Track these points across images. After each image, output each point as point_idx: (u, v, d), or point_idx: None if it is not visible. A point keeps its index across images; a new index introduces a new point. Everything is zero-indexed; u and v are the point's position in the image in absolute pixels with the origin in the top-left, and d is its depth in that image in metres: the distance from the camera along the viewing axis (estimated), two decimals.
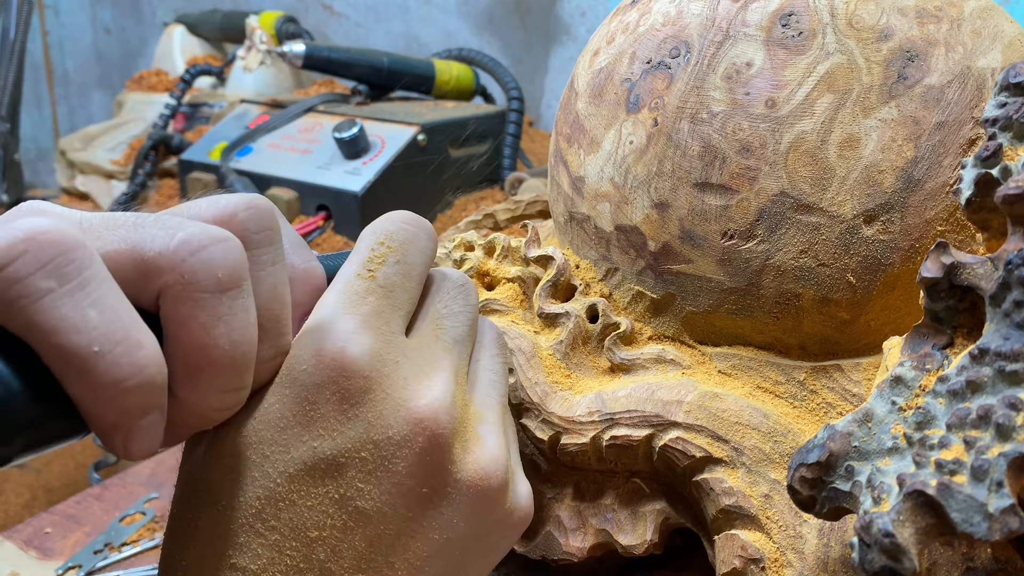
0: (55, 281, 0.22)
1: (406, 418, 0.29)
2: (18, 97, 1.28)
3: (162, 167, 1.14)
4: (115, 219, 0.25)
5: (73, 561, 0.54)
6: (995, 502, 0.24)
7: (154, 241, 0.25)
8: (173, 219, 0.25)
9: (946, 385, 0.27)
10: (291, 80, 1.29)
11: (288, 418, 0.28)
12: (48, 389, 0.22)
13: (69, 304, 0.22)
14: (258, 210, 0.28)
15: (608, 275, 0.40)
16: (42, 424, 0.23)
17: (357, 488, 0.28)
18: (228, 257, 0.25)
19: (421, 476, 0.29)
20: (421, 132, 0.96)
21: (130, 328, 0.23)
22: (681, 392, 0.35)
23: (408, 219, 0.33)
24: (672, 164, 0.36)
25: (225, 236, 0.25)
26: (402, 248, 0.32)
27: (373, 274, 0.31)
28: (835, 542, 0.32)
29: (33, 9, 1.28)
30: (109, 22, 1.96)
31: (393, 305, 0.31)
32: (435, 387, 0.30)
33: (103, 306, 0.23)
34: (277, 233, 0.28)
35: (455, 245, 0.44)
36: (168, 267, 0.24)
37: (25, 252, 0.22)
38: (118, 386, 0.23)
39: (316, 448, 0.28)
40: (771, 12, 0.35)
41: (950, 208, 0.34)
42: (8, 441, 0.22)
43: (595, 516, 0.37)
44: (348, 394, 0.28)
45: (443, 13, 1.43)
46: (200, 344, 0.25)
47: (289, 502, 0.27)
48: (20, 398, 0.22)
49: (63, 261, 0.22)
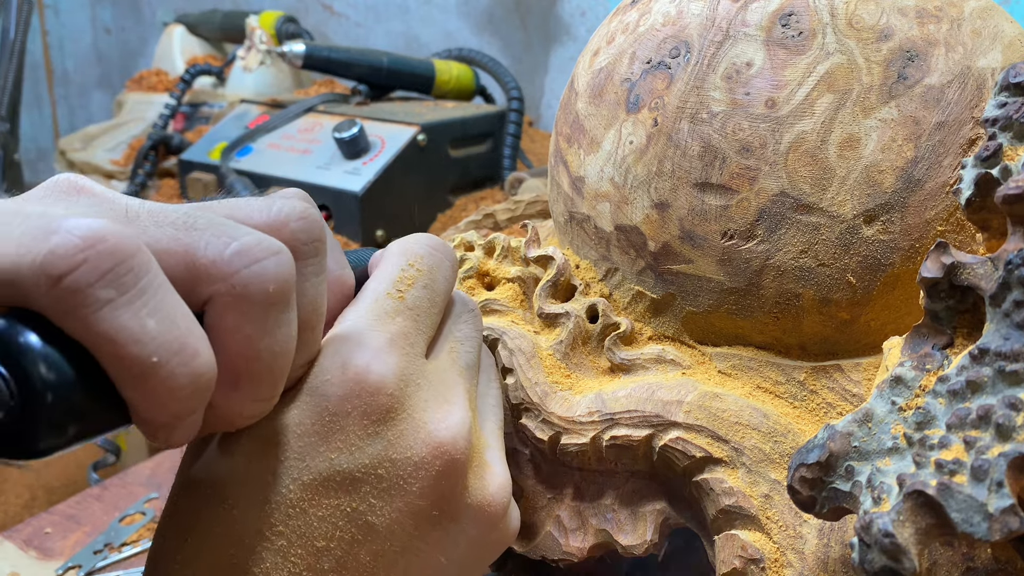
0: (115, 290, 0.22)
1: (426, 441, 0.29)
2: (18, 97, 1.28)
3: (162, 167, 1.14)
4: (164, 213, 0.25)
5: (73, 561, 0.54)
6: (995, 502, 0.24)
7: (208, 247, 0.24)
8: (226, 224, 0.25)
9: (946, 385, 0.27)
10: (291, 80, 1.29)
11: (307, 427, 0.28)
12: (100, 381, 0.23)
13: (128, 314, 0.22)
14: (309, 221, 0.27)
15: (608, 275, 0.40)
16: (93, 415, 0.23)
17: (370, 504, 0.28)
18: (280, 271, 0.25)
19: (434, 498, 0.29)
20: (421, 132, 0.96)
21: (187, 336, 0.23)
22: (681, 392, 0.35)
23: (436, 244, 0.34)
24: (672, 164, 0.36)
25: (278, 248, 0.25)
26: (430, 273, 0.33)
27: (403, 295, 0.31)
28: (835, 542, 0.32)
29: (33, 9, 1.28)
30: (109, 22, 1.96)
31: (419, 328, 0.31)
32: (455, 413, 0.30)
33: (161, 314, 0.23)
34: (324, 244, 0.28)
35: (455, 245, 0.44)
36: (220, 276, 0.24)
37: (85, 261, 0.22)
38: (173, 394, 0.23)
39: (333, 460, 0.28)
40: (771, 12, 0.35)
41: (950, 208, 0.34)
42: (62, 431, 0.22)
43: (595, 516, 0.37)
44: (371, 411, 0.28)
45: (443, 13, 1.43)
46: (243, 355, 0.25)
47: (300, 510, 0.28)
48: (75, 389, 0.22)
49: (123, 269, 0.22)
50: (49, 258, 0.21)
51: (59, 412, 0.22)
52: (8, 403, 0.21)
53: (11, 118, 1.25)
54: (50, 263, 0.21)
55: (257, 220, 0.26)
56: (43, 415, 0.22)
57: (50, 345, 0.22)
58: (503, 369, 0.38)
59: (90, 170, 1.22)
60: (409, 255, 0.33)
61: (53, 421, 0.22)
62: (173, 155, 1.14)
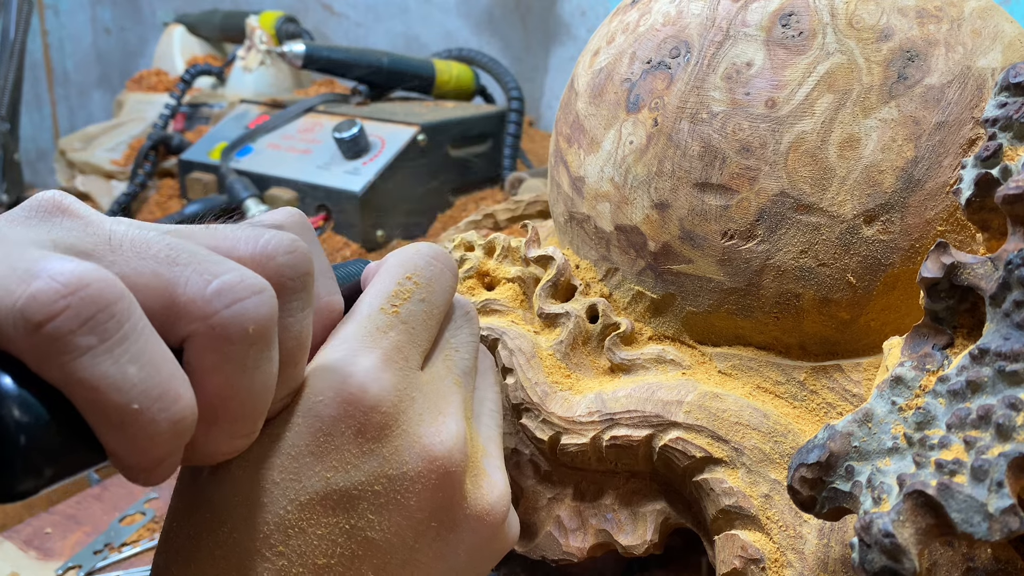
0: (96, 337, 0.21)
1: (421, 455, 0.29)
2: (18, 97, 1.28)
3: (162, 167, 1.14)
4: (147, 244, 0.24)
5: (73, 561, 0.54)
6: (995, 502, 0.24)
7: (188, 285, 0.24)
8: (209, 259, 0.24)
9: (946, 385, 0.27)
10: (291, 80, 1.29)
11: (301, 447, 0.28)
12: (75, 422, 0.22)
13: (109, 361, 0.22)
14: (297, 255, 0.26)
15: (608, 275, 0.40)
16: (70, 455, 0.23)
17: (368, 519, 0.28)
18: (261, 311, 0.24)
19: (432, 510, 0.30)
20: (421, 132, 0.96)
21: (169, 381, 0.23)
22: (681, 392, 0.35)
23: (436, 254, 0.33)
24: (672, 164, 0.36)
25: (261, 287, 0.24)
26: (428, 285, 0.32)
27: (397, 309, 0.31)
28: (835, 542, 0.32)
29: (33, 9, 1.28)
30: (109, 22, 1.96)
31: (413, 341, 0.31)
32: (449, 424, 0.30)
33: (143, 360, 0.22)
34: (311, 278, 0.27)
35: (455, 245, 0.44)
36: (199, 316, 0.24)
37: (66, 308, 0.21)
38: (153, 439, 0.23)
39: (329, 479, 0.28)
40: (771, 12, 0.35)
41: (950, 208, 0.34)
42: (38, 473, 0.22)
43: (595, 516, 0.37)
44: (365, 429, 0.28)
45: (443, 13, 1.43)
46: (221, 395, 0.24)
47: (299, 529, 0.27)
48: (50, 430, 0.22)
49: (104, 316, 0.22)
50: (30, 303, 0.21)
51: (34, 454, 0.21)
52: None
53: (11, 118, 1.25)
54: (30, 309, 0.21)
55: (242, 252, 0.26)
56: (18, 458, 0.21)
57: (23, 386, 0.21)
58: (503, 369, 0.38)
59: (90, 170, 1.22)
60: (407, 267, 0.32)
61: (28, 463, 0.21)
62: (173, 155, 1.14)
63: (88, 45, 1.99)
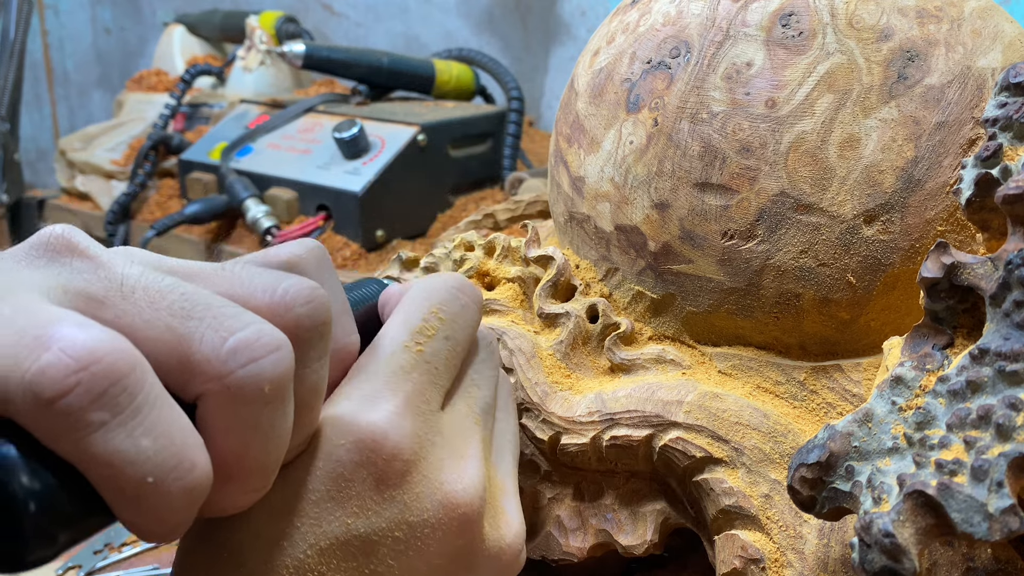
0: (108, 413, 0.21)
1: (442, 502, 0.29)
2: (18, 97, 1.28)
3: (162, 167, 1.14)
4: (160, 294, 0.23)
5: (73, 561, 0.54)
6: (995, 502, 0.24)
7: (203, 342, 0.23)
8: (224, 311, 0.24)
9: (946, 385, 0.27)
10: (291, 80, 1.29)
11: (322, 493, 0.28)
12: (84, 487, 0.22)
13: (122, 435, 0.21)
14: (315, 305, 0.26)
15: (608, 275, 0.40)
16: (83, 521, 0.22)
17: (387, 565, 0.28)
18: (278, 369, 0.24)
19: (452, 556, 0.29)
20: (421, 132, 0.96)
21: (183, 450, 0.22)
22: (681, 392, 0.35)
23: (463, 287, 0.33)
24: (672, 164, 0.36)
25: (278, 344, 0.24)
26: (453, 321, 0.32)
27: (421, 348, 0.30)
28: (835, 542, 0.32)
29: (33, 9, 1.28)
30: (109, 22, 1.96)
31: (435, 382, 0.30)
32: (470, 470, 0.30)
33: (156, 432, 0.22)
34: (329, 327, 0.26)
35: (455, 245, 0.44)
36: (214, 375, 0.23)
37: (78, 384, 0.20)
38: (169, 508, 0.22)
39: (350, 525, 0.28)
40: (771, 12, 0.35)
41: (950, 208, 0.34)
42: (52, 541, 0.21)
43: (595, 516, 0.37)
44: (386, 477, 0.28)
45: (443, 13, 1.43)
46: (234, 453, 0.24)
47: (318, 574, 0.27)
48: (61, 499, 0.21)
49: (117, 390, 0.21)
50: (39, 379, 0.20)
51: (45, 522, 0.21)
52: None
53: (11, 118, 1.25)
54: (40, 384, 0.20)
55: (259, 302, 0.25)
56: (27, 528, 0.21)
57: (31, 454, 0.21)
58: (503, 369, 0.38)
59: (90, 170, 1.22)
60: (433, 300, 0.32)
61: (40, 532, 0.21)
62: (173, 155, 1.14)
63: (88, 45, 1.99)
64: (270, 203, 0.96)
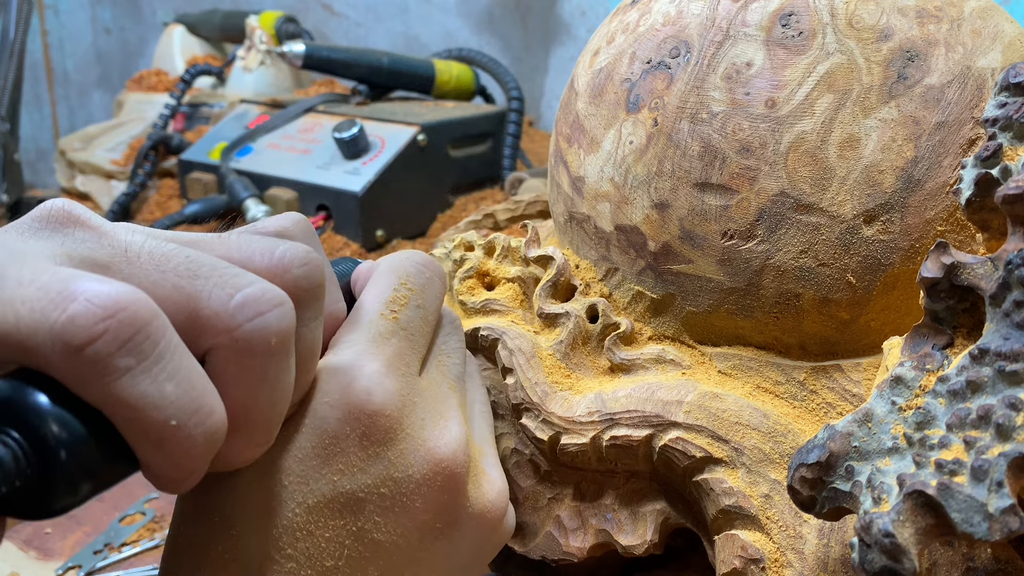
0: (134, 358, 0.22)
1: (426, 458, 0.30)
2: (18, 97, 1.28)
3: (162, 167, 1.14)
4: (165, 257, 0.24)
5: (73, 561, 0.54)
6: (995, 502, 0.24)
7: (211, 299, 0.24)
8: (229, 271, 0.25)
9: (946, 385, 0.27)
10: (291, 80, 1.29)
11: (308, 452, 0.28)
12: (109, 436, 0.23)
13: (147, 380, 0.22)
14: (311, 267, 0.27)
15: (608, 275, 0.40)
16: (105, 470, 0.23)
17: (374, 522, 0.29)
18: (282, 323, 0.25)
19: (436, 511, 0.30)
20: (421, 132, 0.96)
21: (203, 395, 0.23)
22: (681, 392, 0.35)
23: (426, 262, 0.34)
24: (672, 164, 0.36)
25: (281, 300, 0.25)
26: (422, 292, 0.33)
27: (396, 315, 0.32)
28: (835, 542, 0.32)
29: (33, 9, 1.28)
30: (109, 22, 1.96)
31: (412, 347, 0.32)
32: (452, 427, 0.31)
33: (178, 377, 0.23)
34: (323, 289, 0.28)
35: (455, 245, 0.44)
36: (223, 329, 0.24)
37: (106, 331, 0.21)
38: (189, 452, 0.23)
39: (336, 483, 0.28)
40: (771, 12, 0.35)
41: (950, 208, 0.34)
42: (75, 489, 0.22)
43: (595, 516, 0.37)
44: (371, 433, 0.29)
45: (443, 13, 1.43)
46: (242, 404, 0.25)
47: (307, 532, 0.28)
48: (88, 446, 0.22)
49: (141, 337, 0.22)
50: (69, 327, 0.21)
51: (74, 471, 0.22)
52: (25, 471, 0.21)
53: (11, 118, 1.25)
54: (70, 333, 0.21)
55: (259, 264, 0.26)
56: (58, 475, 0.22)
57: (60, 404, 0.22)
58: (503, 369, 0.38)
59: (90, 170, 1.22)
60: (400, 274, 0.33)
61: (69, 480, 0.22)
62: (173, 155, 1.14)
63: (88, 45, 1.99)
64: (270, 203, 0.96)
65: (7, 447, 0.21)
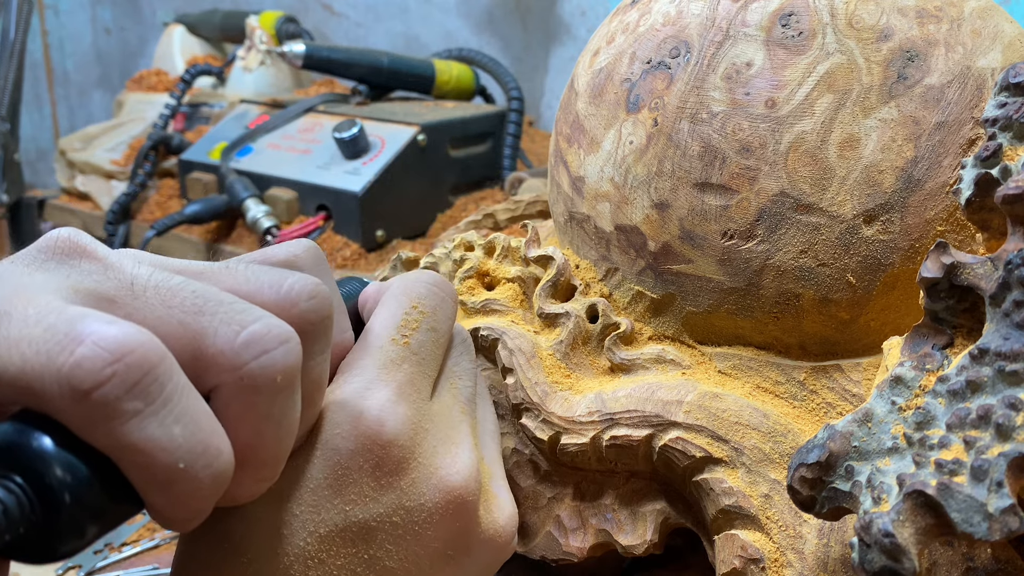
0: (142, 402, 0.22)
1: (438, 487, 0.30)
2: (18, 97, 1.28)
3: (162, 167, 1.14)
4: (170, 291, 0.24)
5: (73, 561, 0.54)
6: (995, 502, 0.24)
7: (216, 335, 0.24)
8: (235, 307, 0.24)
9: (946, 385, 0.27)
10: (291, 80, 1.29)
11: (320, 481, 0.28)
12: (113, 478, 0.22)
13: (154, 424, 0.22)
14: (319, 301, 0.27)
15: (608, 275, 0.40)
16: (110, 512, 0.23)
17: (386, 550, 0.29)
18: (288, 359, 0.24)
19: (448, 539, 0.30)
20: (421, 132, 0.96)
21: (211, 437, 0.23)
22: (681, 392, 0.35)
23: (437, 282, 0.34)
24: (672, 164, 0.36)
25: (288, 336, 0.25)
26: (433, 314, 0.33)
27: (407, 340, 0.31)
28: (835, 542, 0.32)
29: (33, 9, 1.28)
30: (109, 22, 1.96)
31: (424, 372, 0.31)
32: (462, 455, 0.31)
33: (185, 420, 0.22)
34: (331, 321, 0.27)
35: (455, 245, 0.44)
36: (229, 367, 0.24)
37: (114, 375, 0.21)
38: (197, 494, 0.23)
39: (348, 512, 0.28)
40: (771, 12, 0.35)
41: (950, 208, 0.34)
42: (81, 534, 0.22)
43: (595, 516, 0.37)
44: (383, 463, 0.29)
45: (443, 13, 1.43)
46: (248, 442, 0.25)
47: (318, 560, 0.28)
48: (91, 490, 0.22)
49: (149, 380, 0.22)
50: (76, 372, 0.21)
51: (78, 515, 0.22)
52: (29, 516, 0.21)
53: (11, 118, 1.25)
54: (77, 377, 0.21)
55: (266, 297, 0.26)
56: (63, 521, 0.21)
57: (64, 447, 0.22)
58: (503, 369, 0.38)
59: (90, 170, 1.22)
60: (412, 296, 0.33)
61: (73, 525, 0.22)
62: (173, 155, 1.14)
63: (88, 45, 1.99)
64: (270, 203, 0.96)
65: (11, 492, 0.21)
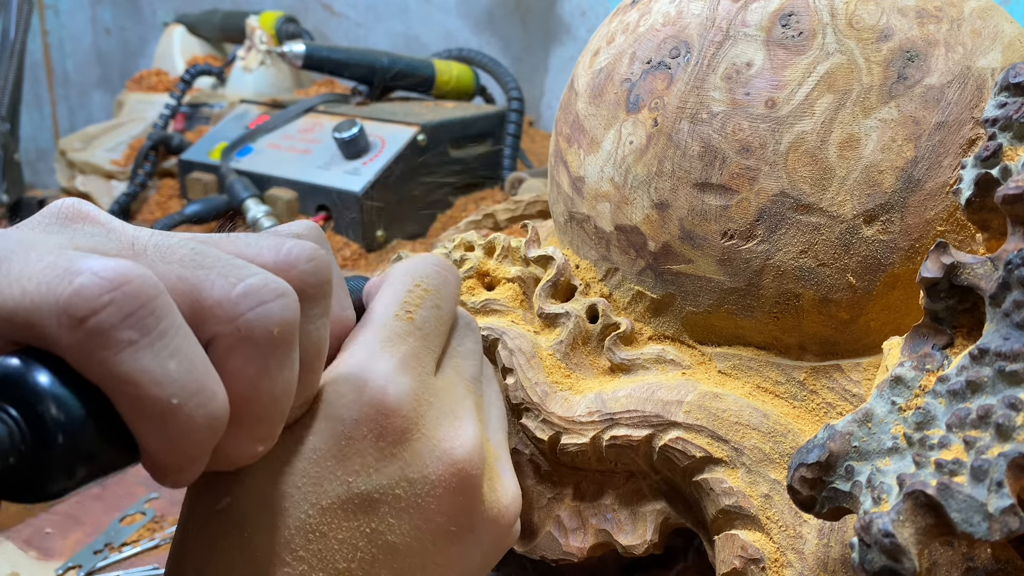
0: (137, 332, 0.22)
1: (442, 458, 0.29)
2: (18, 97, 1.28)
3: (162, 167, 1.14)
4: (171, 248, 0.24)
5: (73, 561, 0.54)
6: (995, 502, 0.24)
7: (214, 287, 0.24)
8: (233, 263, 0.25)
9: (946, 385, 0.27)
10: (291, 80, 1.29)
11: (323, 452, 0.28)
12: (110, 422, 0.22)
13: (150, 355, 0.22)
14: (318, 263, 0.27)
15: (608, 275, 0.40)
16: (103, 456, 0.23)
17: (388, 523, 0.29)
18: (286, 314, 0.25)
19: (452, 514, 0.30)
20: (421, 132, 0.96)
21: (205, 377, 0.23)
22: (681, 392, 0.35)
23: (440, 263, 0.34)
24: (672, 164, 0.36)
25: (285, 291, 0.25)
26: (437, 292, 0.33)
27: (412, 316, 0.31)
28: (835, 542, 0.32)
29: (33, 9, 1.28)
30: (109, 22, 1.96)
31: (428, 347, 0.31)
32: (467, 428, 0.31)
33: (180, 356, 0.22)
34: (331, 286, 0.28)
35: (455, 245, 0.44)
36: (226, 318, 0.24)
37: (110, 303, 0.21)
38: (190, 435, 0.23)
39: (351, 483, 0.28)
40: (771, 12, 0.35)
41: (950, 208, 0.34)
42: (71, 472, 0.22)
43: (595, 516, 0.37)
44: (386, 433, 0.29)
45: (443, 13, 1.43)
46: (245, 396, 0.24)
47: (320, 533, 0.27)
48: (86, 429, 0.22)
49: (145, 312, 0.22)
50: (74, 299, 0.21)
51: (70, 453, 0.22)
52: (19, 447, 0.21)
53: (11, 118, 1.25)
54: (74, 304, 0.21)
55: (266, 259, 0.26)
56: (54, 457, 0.21)
57: (61, 385, 0.22)
58: (503, 369, 0.38)
59: (90, 170, 1.22)
60: (415, 275, 0.33)
61: (64, 463, 0.21)
62: (173, 155, 1.14)
63: (88, 45, 1.99)
64: (270, 203, 0.96)
65: (4, 423, 0.21)
